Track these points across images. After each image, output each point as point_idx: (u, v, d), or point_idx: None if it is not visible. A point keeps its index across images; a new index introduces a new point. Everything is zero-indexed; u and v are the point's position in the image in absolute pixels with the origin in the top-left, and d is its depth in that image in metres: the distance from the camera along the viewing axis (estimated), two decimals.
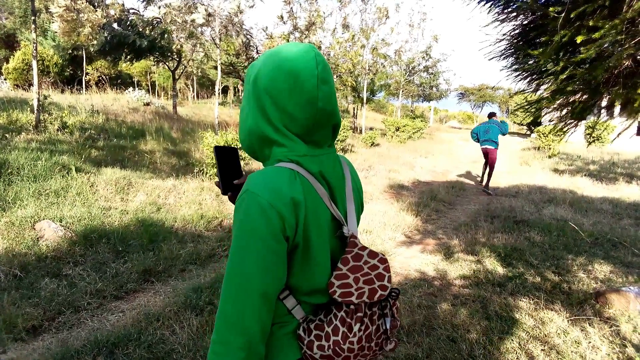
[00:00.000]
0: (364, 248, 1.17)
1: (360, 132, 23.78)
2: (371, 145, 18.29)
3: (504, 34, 2.88)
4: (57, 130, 10.03)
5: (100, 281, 4.42)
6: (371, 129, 24.62)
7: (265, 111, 1.10)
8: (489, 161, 10.91)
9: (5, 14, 26.89)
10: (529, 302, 4.19)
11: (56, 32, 19.43)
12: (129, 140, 11.11)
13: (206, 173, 9.09)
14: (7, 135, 8.57)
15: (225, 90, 37.76)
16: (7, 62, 21.37)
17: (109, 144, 10.25)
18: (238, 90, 40.98)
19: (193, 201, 7.26)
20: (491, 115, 11.19)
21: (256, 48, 22.50)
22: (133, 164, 9.11)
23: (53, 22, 19.58)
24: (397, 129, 21.46)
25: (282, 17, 20.03)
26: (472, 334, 3.52)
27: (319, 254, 1.11)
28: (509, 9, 2.81)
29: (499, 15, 2.88)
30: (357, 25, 23.12)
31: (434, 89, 32.90)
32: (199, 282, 4.52)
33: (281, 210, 1.01)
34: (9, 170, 6.57)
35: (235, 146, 1.29)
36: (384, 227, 6.85)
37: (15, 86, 19.49)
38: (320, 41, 22.08)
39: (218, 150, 1.30)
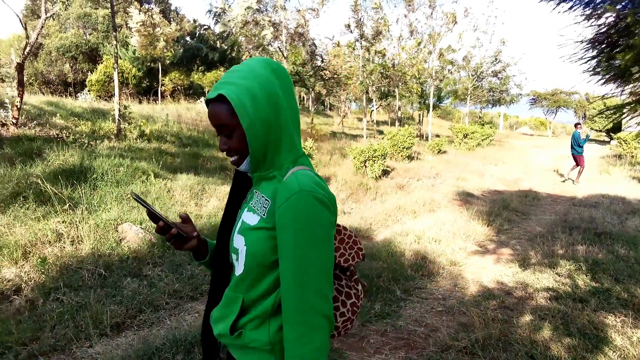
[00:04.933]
0: (338, 224, 1.36)
1: (427, 139, 23.38)
2: (438, 152, 17.92)
3: (585, 37, 2.74)
4: (136, 138, 10.64)
5: (177, 282, 4.62)
6: (437, 136, 24.14)
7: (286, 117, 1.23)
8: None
9: (89, 30, 28.96)
10: (615, 320, 3.92)
11: (135, 46, 20.72)
12: (202, 148, 11.58)
13: None
14: (92, 142, 9.19)
15: None
16: (91, 74, 22.95)
17: (183, 152, 10.73)
18: (303, 98, 41.63)
19: None
20: (575, 125, 13.41)
21: (321, 57, 22.78)
22: (206, 170, 9.48)
23: (132, 37, 20.90)
24: (465, 136, 20.88)
25: (349, 26, 20.14)
26: (554, 351, 3.34)
27: None
28: (592, 10, 2.67)
29: (582, 16, 2.74)
30: (424, 32, 22.72)
31: (504, 93, 31.75)
32: None
33: (334, 203, 1.16)
34: (94, 176, 7.04)
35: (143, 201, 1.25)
36: (453, 237, 6.67)
37: (97, 97, 20.87)
38: (385, 49, 22.01)
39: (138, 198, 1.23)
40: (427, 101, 26.97)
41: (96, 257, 4.94)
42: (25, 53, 10.26)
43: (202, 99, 23.90)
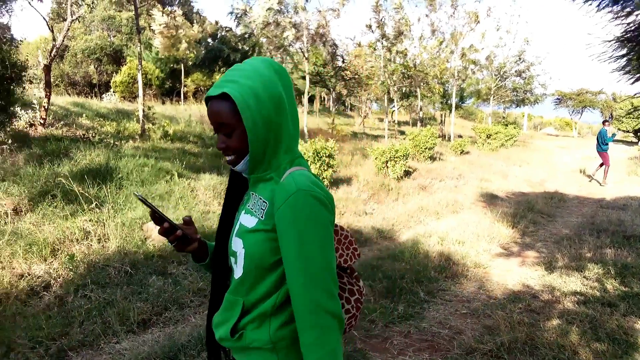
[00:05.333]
0: (335, 225, 1.34)
1: (449, 139, 23.15)
2: (460, 153, 17.73)
3: (614, 35, 2.68)
4: (160, 138, 10.79)
5: (201, 280, 4.67)
6: (460, 136, 23.89)
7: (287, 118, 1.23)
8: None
9: (113, 32, 29.46)
10: None
11: (158, 47, 21.01)
12: None
13: None
14: (117, 143, 9.36)
15: (311, 100, 38.52)
16: (115, 75, 23.36)
17: (206, 152, 10.84)
18: (324, 98, 41.66)
19: None
20: (603, 122, 13.47)
21: (342, 57, 22.75)
22: (228, 170, 9.55)
23: (155, 39, 21.20)
24: (488, 136, 20.60)
25: (370, 26, 20.08)
26: (582, 356, 3.27)
27: None
28: (621, 8, 2.62)
29: (610, 14, 2.69)
30: (445, 31, 22.49)
31: (528, 93, 31.21)
32: None
33: (332, 202, 1.17)
34: (120, 175, 7.16)
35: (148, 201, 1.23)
36: (477, 238, 6.59)
37: (122, 98, 21.21)
38: (406, 49, 21.87)
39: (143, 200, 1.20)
40: (449, 101, 26.72)
41: (122, 255, 5.02)
42: (52, 55, 10.49)
43: None
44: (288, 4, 15.80)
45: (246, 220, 1.23)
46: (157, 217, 1.22)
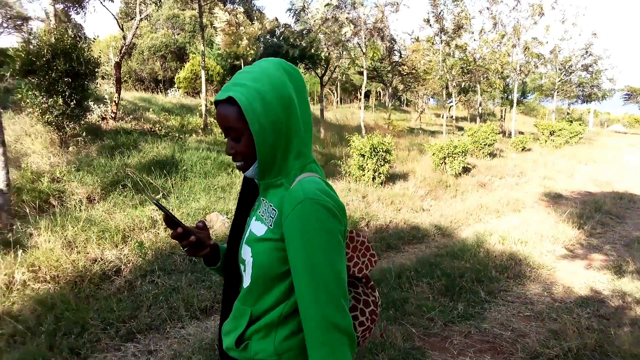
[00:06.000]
0: (351, 230, 1.31)
1: (509, 136, 22.39)
2: (522, 150, 17.11)
3: None
4: (221, 132, 11.11)
5: None
6: (521, 132, 23.04)
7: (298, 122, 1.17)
8: None
9: (177, 30, 30.57)
10: None
11: (219, 44, 21.57)
12: None
13: (352, 175, 9.33)
14: (181, 136, 9.73)
15: (367, 95, 38.33)
16: (179, 72, 24.23)
17: None
18: (380, 94, 41.34)
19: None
20: None
21: (399, 52, 22.48)
22: None
23: (216, 36, 21.78)
24: (552, 133, 19.74)
25: (428, 21, 19.72)
26: None
27: None
28: None
29: None
30: (507, 24, 21.70)
31: (595, 88, 29.60)
32: None
33: (343, 212, 1.10)
34: (184, 167, 7.45)
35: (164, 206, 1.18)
36: (540, 238, 6.36)
37: (185, 93, 22.00)
38: (466, 43, 21.32)
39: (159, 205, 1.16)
40: (510, 96, 25.81)
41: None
42: (122, 52, 11.03)
43: None
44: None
45: (256, 227, 1.19)
46: (171, 221, 1.18)
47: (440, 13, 19.15)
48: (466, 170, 11.74)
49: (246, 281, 1.19)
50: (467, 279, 4.71)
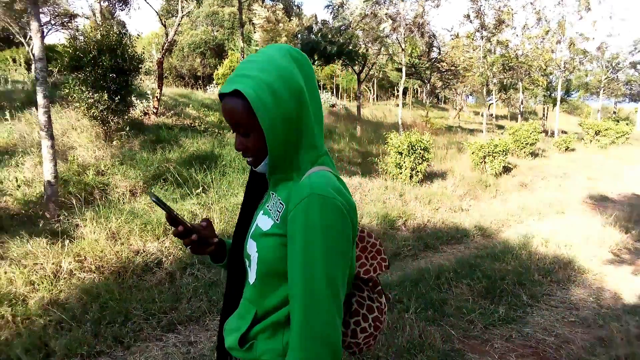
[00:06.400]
0: (362, 230, 1.28)
1: (552, 135, 21.73)
2: (565, 150, 16.58)
3: None
4: None
5: None
6: (564, 132, 22.32)
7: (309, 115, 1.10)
8: None
9: (216, 27, 31.07)
10: None
11: (257, 41, 21.80)
12: None
13: (389, 172, 9.25)
14: (220, 132, 9.87)
15: (404, 92, 37.97)
16: (218, 68, 24.63)
17: None
18: (417, 91, 40.85)
19: (378, 199, 7.44)
20: None
21: (438, 48, 22.12)
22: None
23: (255, 32, 22.02)
24: (597, 133, 19.05)
25: (468, 16, 19.34)
26: None
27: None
28: None
29: None
30: (552, 20, 21.04)
31: None
32: (386, 281, 4.60)
33: (353, 211, 1.03)
34: (223, 163, 7.56)
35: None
36: (586, 242, 6.14)
37: None
38: (508, 39, 20.79)
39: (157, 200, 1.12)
40: (553, 94, 25.03)
41: (225, 238, 5.28)
42: (164, 49, 11.27)
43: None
44: None
45: (262, 222, 1.13)
46: (173, 219, 1.14)
47: (480, 8, 18.75)
48: (507, 169, 11.46)
49: (251, 277, 1.15)
50: (509, 282, 4.59)
